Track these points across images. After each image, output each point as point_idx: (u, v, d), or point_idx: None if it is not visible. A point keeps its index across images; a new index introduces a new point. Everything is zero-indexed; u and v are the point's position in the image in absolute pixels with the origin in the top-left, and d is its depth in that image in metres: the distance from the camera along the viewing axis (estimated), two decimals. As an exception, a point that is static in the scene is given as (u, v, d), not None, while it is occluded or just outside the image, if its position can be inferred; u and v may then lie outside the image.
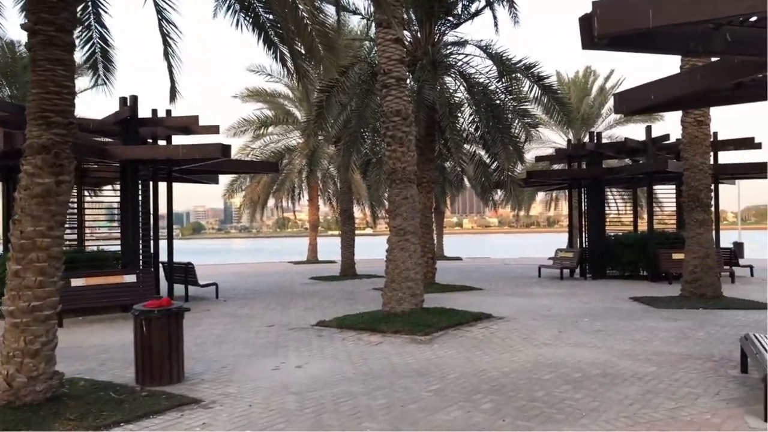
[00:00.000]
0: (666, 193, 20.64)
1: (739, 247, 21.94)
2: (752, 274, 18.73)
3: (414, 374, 6.97)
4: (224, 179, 29.16)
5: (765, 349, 5.81)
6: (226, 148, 12.20)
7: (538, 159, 23.84)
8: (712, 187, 13.47)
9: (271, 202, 32.14)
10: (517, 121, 15.38)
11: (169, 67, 8.00)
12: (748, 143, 18.08)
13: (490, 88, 15.71)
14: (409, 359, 7.76)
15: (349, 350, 8.43)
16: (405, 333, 9.17)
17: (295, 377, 7.01)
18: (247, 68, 24.52)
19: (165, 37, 7.86)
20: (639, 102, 7.41)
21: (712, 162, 14.41)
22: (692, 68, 6.50)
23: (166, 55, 8.01)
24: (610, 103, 30.64)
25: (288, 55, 7.35)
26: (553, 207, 39.47)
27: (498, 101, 15.59)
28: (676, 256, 17.56)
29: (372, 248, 34.17)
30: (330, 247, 35.37)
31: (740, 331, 9.10)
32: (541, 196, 34.56)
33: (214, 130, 14.58)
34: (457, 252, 43.88)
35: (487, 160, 17.37)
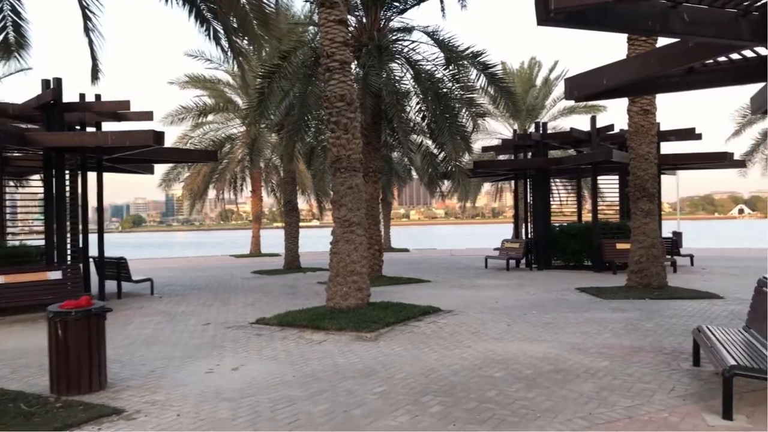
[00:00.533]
0: (609, 184, 20.84)
1: (678, 236, 22.39)
2: (692, 264, 19.11)
3: (359, 375, 6.54)
4: (161, 169, 28.08)
5: (720, 343, 5.63)
6: (159, 135, 11.45)
7: (485, 149, 23.73)
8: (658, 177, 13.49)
9: (212, 193, 31.15)
10: (464, 110, 15.11)
11: (90, 43, 7.31)
12: (689, 134, 18.36)
13: (437, 75, 15.37)
14: (354, 358, 7.32)
15: (290, 350, 7.93)
16: (350, 330, 8.72)
17: (230, 381, 6.48)
18: (186, 53, 23.41)
19: (84, 10, 7.15)
20: (590, 87, 7.15)
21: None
22: (646, 52, 6.26)
23: (87, 30, 7.30)
24: (555, 94, 30.95)
25: (222, 32, 6.76)
26: (498, 198, 39.73)
27: (445, 90, 15.27)
28: (620, 246, 17.74)
29: (318, 240, 33.63)
30: (275, 239, 34.58)
31: (688, 322, 9.06)
32: (487, 187, 34.66)
33: (147, 116, 13.75)
34: (404, 243, 43.76)
35: (435, 150, 17.04)
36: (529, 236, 20.16)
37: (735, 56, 6.86)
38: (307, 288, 14.94)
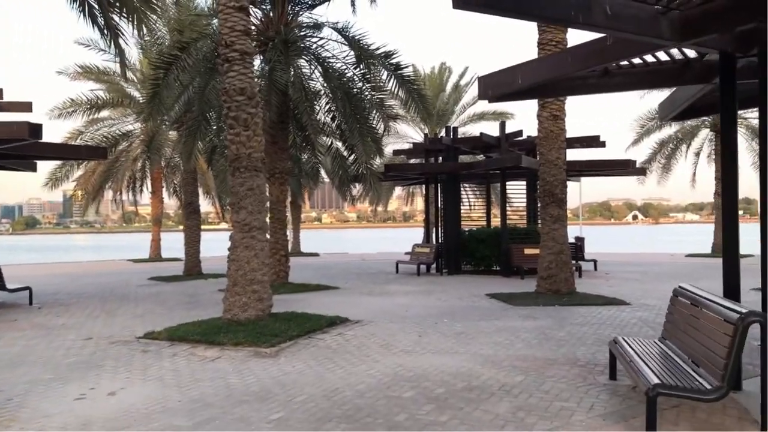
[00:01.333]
0: (517, 190, 21.01)
1: (581, 241, 22.94)
2: (596, 268, 19.52)
3: (254, 398, 5.82)
4: (47, 167, 25.87)
5: (638, 357, 5.34)
6: (35, 128, 10.22)
7: (396, 153, 23.44)
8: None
9: (110, 194, 29.13)
10: (375, 112, 14.62)
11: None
12: (594, 142, 18.76)
13: (347, 75, 14.81)
14: (250, 378, 6.58)
15: (179, 369, 7.08)
16: (248, 345, 7.95)
17: (104, 409, 5.59)
18: (76, 41, 21.52)
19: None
20: (505, 86, 6.78)
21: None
22: (562, 51, 5.96)
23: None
24: (464, 100, 31.18)
25: (96, 7, 5.85)
26: (410, 202, 39.71)
27: (356, 90, 14.73)
28: (528, 251, 17.82)
29: (224, 244, 32.14)
30: (178, 243, 32.82)
31: (599, 330, 8.91)
32: (398, 191, 34.50)
33: (25, 107, 12.31)
34: (315, 248, 42.90)
35: (345, 152, 16.46)
36: (440, 241, 19.98)
37: (650, 59, 6.70)
38: (206, 296, 13.93)
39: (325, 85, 14.61)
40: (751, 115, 26.57)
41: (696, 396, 4.40)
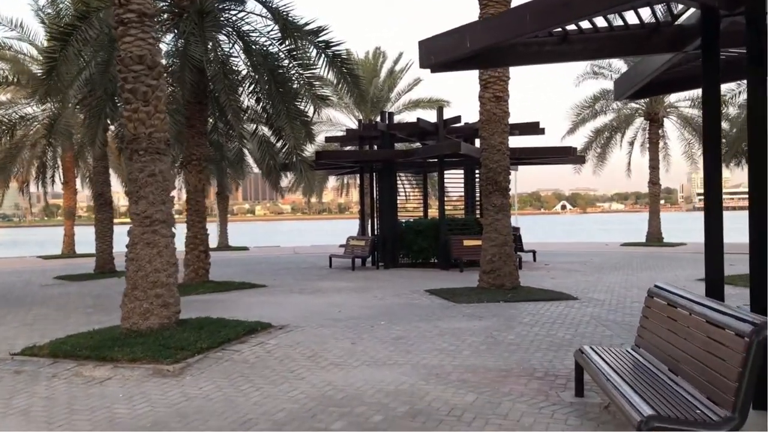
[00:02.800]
0: (455, 179, 20.20)
1: (517, 231, 22.45)
2: (535, 259, 18.94)
3: (141, 438, 4.58)
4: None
5: (617, 373, 4.40)
6: None
7: (328, 140, 22.20)
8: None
9: (33, 186, 26.67)
10: (304, 91, 13.36)
11: None
12: (533, 129, 18.10)
13: (272, 51, 13.48)
14: (143, 407, 5.31)
15: (55, 396, 5.72)
16: (147, 361, 6.63)
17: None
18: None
19: None
20: (451, 50, 5.73)
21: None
22: (520, 5, 4.96)
23: None
24: (400, 86, 30.22)
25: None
26: (345, 193, 38.53)
27: (281, 68, 13.42)
28: (468, 242, 17.02)
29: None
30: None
31: (551, 331, 8.04)
32: (332, 182, 33.25)
33: None
34: (245, 241, 41.10)
35: (272, 138, 15.14)
36: (376, 233, 18.95)
37: (617, 23, 5.79)
38: (113, 299, 12.32)
39: (247, 61, 13.22)
40: (683, 104, 26.80)
41: (702, 431, 3.47)
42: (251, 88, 14.43)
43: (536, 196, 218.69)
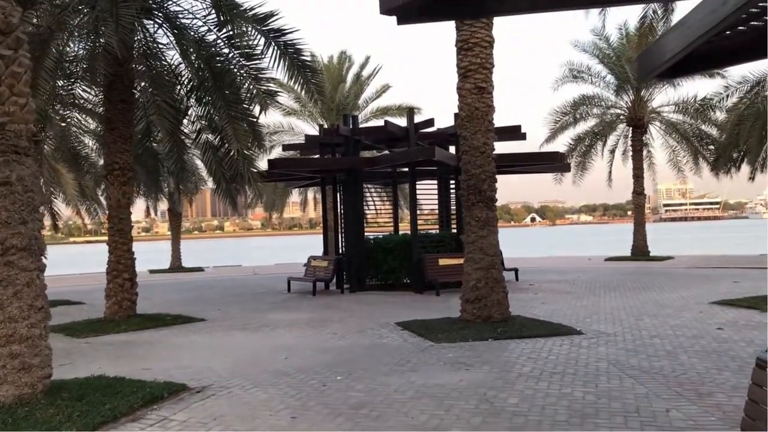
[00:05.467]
0: (429, 190, 18.18)
1: (498, 247, 20.61)
2: (517, 278, 16.95)
3: None
4: None
5: None
6: None
7: (286, 148, 20.05)
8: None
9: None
10: (249, 85, 11.21)
11: None
12: (514, 133, 16.19)
13: (209, 38, 11.32)
14: None
15: None
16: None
17: None
18: None
19: None
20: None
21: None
22: None
23: None
24: (367, 93, 28.25)
25: None
26: (312, 208, 36.27)
27: (220, 59, 11.27)
28: (444, 261, 15.00)
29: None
30: None
31: (563, 388, 5.95)
32: (296, 196, 31.00)
33: None
34: (207, 260, 38.54)
35: (216, 142, 12.93)
36: (341, 251, 16.80)
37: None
38: None
39: (177, 47, 11.03)
40: (667, 109, 25.30)
41: None
42: (189, 84, 12.28)
43: (506, 208, 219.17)
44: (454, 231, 16.72)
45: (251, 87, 11.28)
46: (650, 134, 25.79)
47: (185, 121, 13.20)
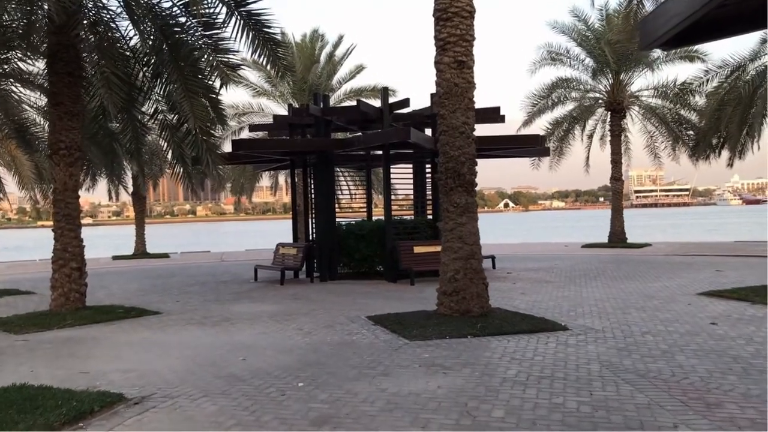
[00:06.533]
0: (403, 175, 17.42)
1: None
2: (494, 266, 16.35)
3: None
4: None
5: None
6: None
7: (252, 128, 19.08)
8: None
9: None
10: (208, 57, 10.27)
11: None
12: (492, 115, 15.45)
13: (164, 5, 10.34)
14: None
15: None
16: None
17: None
18: None
19: None
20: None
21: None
22: None
23: None
24: (340, 73, 27.32)
25: None
26: (285, 192, 35.27)
27: (177, 28, 10.31)
28: (419, 249, 14.31)
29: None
30: None
31: (554, 395, 5.26)
32: (266, 180, 29.97)
33: None
34: (175, 245, 37.40)
35: (174, 121, 11.98)
36: (311, 238, 15.99)
37: None
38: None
39: (128, 15, 10.02)
40: (646, 93, 24.82)
41: None
42: (145, 59, 11.29)
43: (480, 194, 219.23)
44: (430, 217, 16.02)
45: (211, 59, 10.34)
46: (629, 119, 25.34)
47: (142, 99, 12.22)
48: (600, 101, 25.05)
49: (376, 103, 17.10)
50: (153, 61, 11.09)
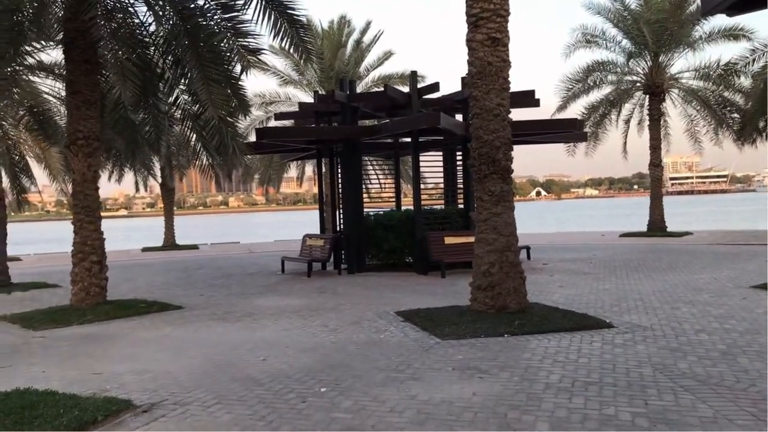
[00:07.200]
0: (433, 163, 16.81)
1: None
2: (529, 257, 15.68)
3: None
4: None
5: None
6: None
7: (278, 117, 18.61)
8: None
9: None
10: (228, 42, 9.83)
11: None
12: (527, 99, 14.73)
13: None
14: None
15: None
16: None
17: None
18: None
19: None
20: None
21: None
22: None
23: None
24: (368, 59, 26.73)
25: None
26: (314, 182, 34.92)
27: (195, 11, 9.88)
28: (450, 240, 13.76)
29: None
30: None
31: (604, 408, 4.67)
32: (293, 171, 29.64)
33: None
34: (205, 237, 37.45)
35: (196, 109, 11.59)
36: (339, 229, 15.54)
37: None
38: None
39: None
40: (686, 75, 23.72)
41: None
42: (165, 45, 10.91)
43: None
44: (461, 207, 15.42)
45: (231, 43, 9.90)
46: (668, 103, 24.28)
47: (164, 87, 11.86)
48: (638, 84, 24.04)
49: (405, 89, 16.52)
50: (172, 47, 10.70)
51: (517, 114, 14.34)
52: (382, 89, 15.62)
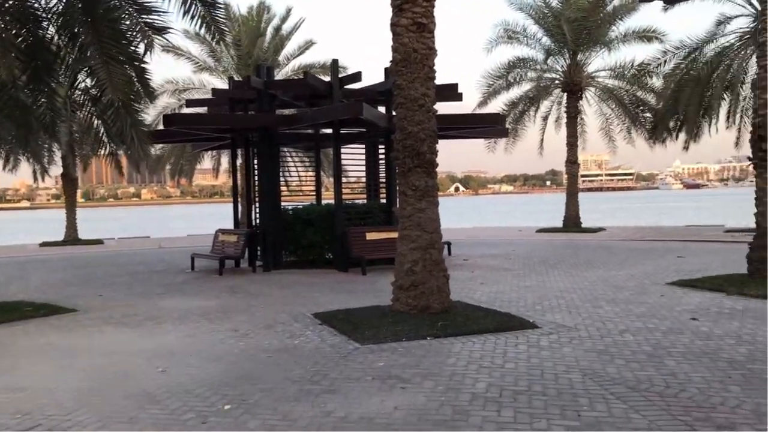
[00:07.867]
0: (354, 156, 16.29)
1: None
2: (450, 252, 15.44)
3: None
4: None
5: None
6: None
7: (190, 103, 17.57)
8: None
9: None
10: (130, 17, 8.93)
11: None
12: (449, 92, 14.44)
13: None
14: None
15: None
16: None
17: None
18: None
19: None
20: None
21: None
22: None
23: None
24: (288, 48, 25.96)
25: None
26: (229, 175, 33.62)
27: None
28: (372, 236, 13.34)
29: None
30: None
31: (535, 421, 4.33)
32: (208, 162, 28.37)
33: None
34: (112, 231, 35.40)
35: (96, 91, 10.58)
36: (255, 223, 14.77)
37: None
38: None
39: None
40: (603, 74, 24.32)
41: None
42: (60, 20, 9.82)
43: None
44: (384, 201, 15.01)
45: (134, 20, 9.00)
46: (585, 101, 24.82)
47: (60, 66, 10.74)
48: (557, 82, 24.44)
49: (327, 79, 15.91)
50: (68, 21, 9.65)
51: (440, 108, 14.07)
52: (302, 77, 14.92)
